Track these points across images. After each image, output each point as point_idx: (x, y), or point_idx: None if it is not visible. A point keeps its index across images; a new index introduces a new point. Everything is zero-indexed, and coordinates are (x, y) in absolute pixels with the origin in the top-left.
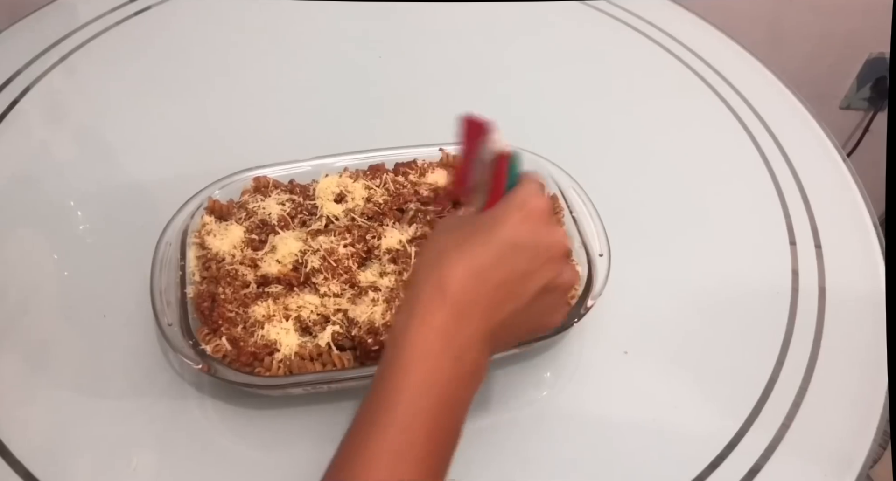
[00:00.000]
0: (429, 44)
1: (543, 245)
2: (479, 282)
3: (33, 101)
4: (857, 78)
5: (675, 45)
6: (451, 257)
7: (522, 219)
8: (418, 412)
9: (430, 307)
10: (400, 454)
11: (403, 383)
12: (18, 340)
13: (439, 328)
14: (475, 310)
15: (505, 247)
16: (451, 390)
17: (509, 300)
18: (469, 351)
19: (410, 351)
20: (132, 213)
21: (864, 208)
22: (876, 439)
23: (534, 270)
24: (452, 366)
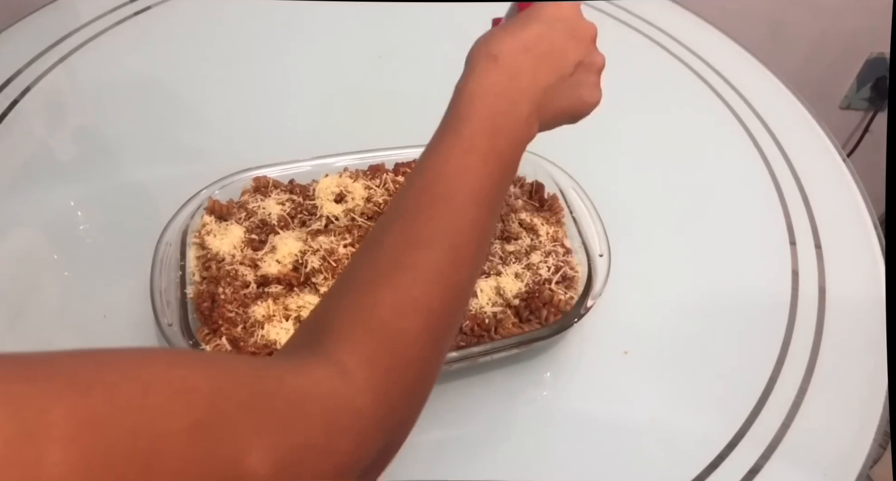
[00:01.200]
0: (429, 44)
1: (575, 26)
2: (525, 51)
3: (33, 101)
4: (857, 78)
5: (675, 45)
6: (498, 34)
7: (557, 7)
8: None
9: (486, 69)
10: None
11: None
12: (18, 340)
13: (493, 81)
14: (524, 74)
15: (545, 23)
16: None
17: (553, 69)
18: (521, 103)
19: (475, 90)
20: (132, 213)
21: (864, 208)
22: (876, 439)
23: (570, 46)
24: (508, 110)
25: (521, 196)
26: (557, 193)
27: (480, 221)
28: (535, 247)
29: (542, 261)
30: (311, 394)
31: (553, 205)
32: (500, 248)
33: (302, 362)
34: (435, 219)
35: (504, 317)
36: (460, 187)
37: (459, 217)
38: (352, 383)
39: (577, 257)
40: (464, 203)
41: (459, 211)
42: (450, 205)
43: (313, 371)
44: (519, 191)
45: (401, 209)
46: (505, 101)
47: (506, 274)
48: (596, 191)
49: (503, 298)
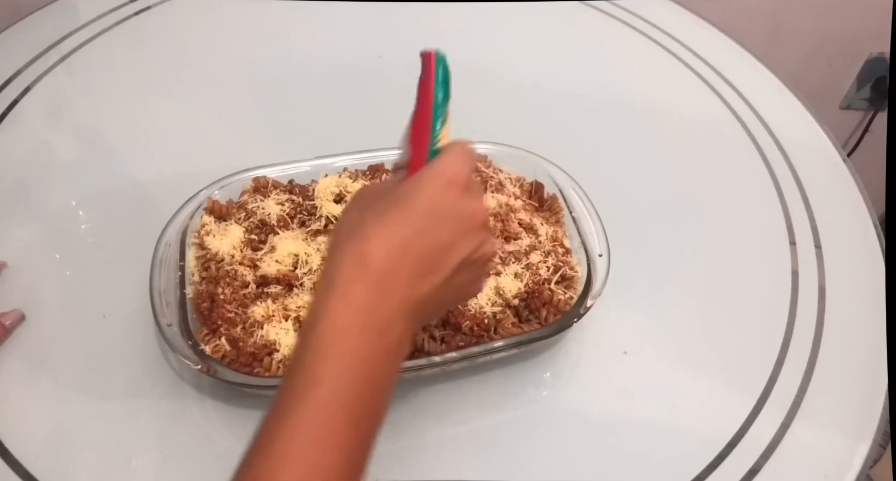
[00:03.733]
0: (429, 44)
1: (464, 215)
2: (402, 254)
3: (33, 101)
4: (857, 78)
5: (675, 44)
6: (373, 228)
7: (443, 189)
8: (338, 392)
9: (351, 282)
10: (318, 438)
11: (322, 363)
12: (18, 340)
13: (361, 304)
14: (398, 284)
15: (426, 218)
16: (374, 368)
17: (432, 272)
18: (392, 326)
19: (330, 329)
20: (132, 213)
21: (864, 208)
22: (876, 439)
23: (455, 241)
24: (375, 343)
25: (520, 196)
26: (557, 193)
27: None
28: (535, 247)
29: (541, 261)
30: None
31: (553, 204)
32: (500, 248)
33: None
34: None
35: (504, 317)
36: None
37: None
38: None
39: (577, 257)
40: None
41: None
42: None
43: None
44: (519, 190)
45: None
46: (372, 333)
47: (505, 274)
48: (596, 191)
49: (503, 298)
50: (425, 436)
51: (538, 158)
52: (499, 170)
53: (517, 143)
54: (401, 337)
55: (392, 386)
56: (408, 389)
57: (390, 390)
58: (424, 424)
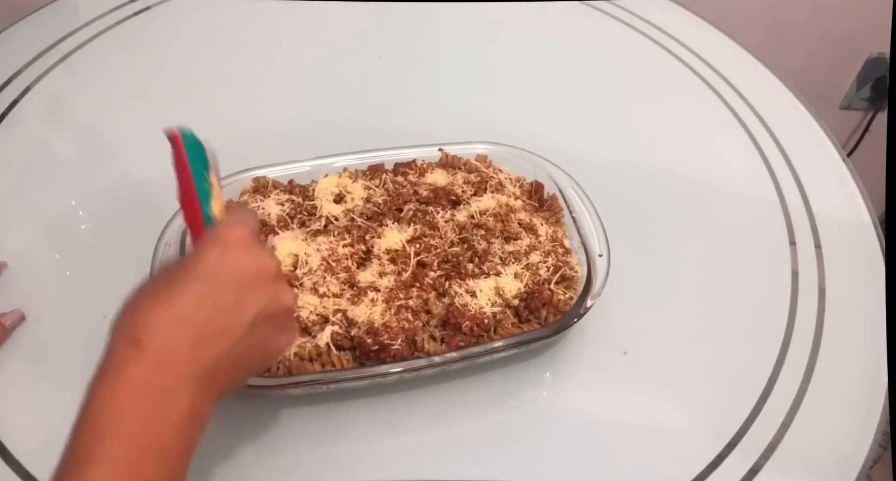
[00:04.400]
0: (428, 44)
1: (248, 273)
2: (180, 325)
3: (33, 101)
4: (857, 78)
5: (675, 45)
6: (146, 306)
7: (221, 252)
8: (115, 470)
9: (123, 361)
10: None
11: (97, 442)
12: (18, 340)
13: (135, 380)
14: (179, 355)
15: (206, 285)
16: (156, 441)
17: (220, 337)
18: (176, 397)
19: (103, 410)
20: (132, 213)
21: (864, 208)
22: (876, 439)
23: (242, 301)
24: (155, 418)
25: (520, 196)
26: (557, 193)
27: None
28: (535, 247)
29: (541, 261)
30: None
31: (552, 204)
32: (500, 248)
33: None
34: None
35: (503, 317)
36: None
37: None
38: None
39: (577, 257)
40: None
41: None
42: None
43: None
44: (518, 191)
45: None
46: (151, 407)
47: (505, 274)
48: (596, 191)
49: (503, 298)
50: (425, 436)
51: (538, 158)
52: (499, 170)
53: (517, 143)
54: (191, 408)
55: (186, 458)
56: (408, 389)
57: (182, 461)
58: (424, 424)
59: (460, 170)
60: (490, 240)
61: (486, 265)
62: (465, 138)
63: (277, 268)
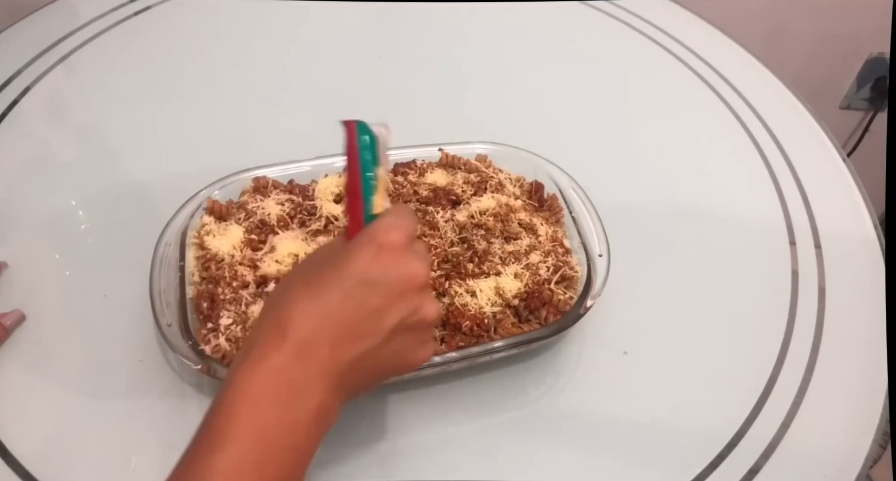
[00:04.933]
0: (429, 44)
1: (396, 279)
2: (324, 320)
3: (33, 101)
4: (857, 78)
5: (675, 45)
6: (296, 295)
7: (374, 253)
8: (242, 458)
9: (267, 347)
10: None
11: (228, 428)
12: (18, 340)
13: (275, 369)
14: (319, 351)
15: (354, 284)
16: (284, 436)
17: (360, 339)
18: (309, 394)
19: (240, 394)
20: (132, 213)
21: (864, 208)
22: (876, 439)
23: (387, 307)
24: (287, 411)
25: (520, 196)
26: (557, 193)
27: None
28: (535, 247)
29: (541, 261)
30: None
31: (552, 204)
32: (500, 248)
33: None
34: None
35: (504, 317)
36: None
37: None
38: None
39: (577, 257)
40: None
41: None
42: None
43: None
44: (518, 191)
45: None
46: (285, 399)
47: (505, 274)
48: (596, 191)
49: (503, 298)
50: (425, 436)
51: (538, 158)
52: (499, 171)
53: (517, 143)
54: (321, 405)
55: (310, 454)
56: (408, 389)
57: (306, 457)
58: (425, 424)
59: (460, 170)
60: (490, 240)
61: (486, 265)
62: (465, 138)
63: (426, 278)
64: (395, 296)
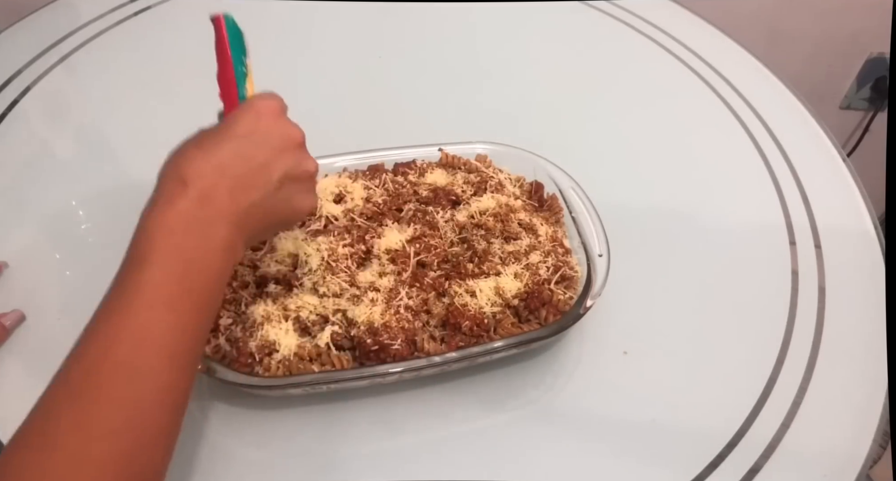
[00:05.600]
0: (428, 44)
1: (277, 137)
2: (219, 173)
3: (33, 101)
4: (857, 78)
5: (675, 45)
6: (191, 154)
7: (255, 117)
8: (168, 271)
9: (172, 196)
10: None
11: (151, 251)
12: (19, 340)
13: (182, 211)
14: (219, 197)
15: (241, 143)
16: (201, 258)
17: (252, 188)
18: (217, 228)
19: (155, 230)
20: (133, 213)
21: (864, 208)
22: (876, 439)
23: (272, 160)
24: (199, 240)
25: (520, 196)
26: (557, 193)
27: (175, 384)
28: (535, 247)
29: (541, 261)
30: None
31: (552, 204)
32: (500, 248)
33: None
34: (115, 400)
35: (503, 317)
36: (145, 351)
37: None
38: None
39: (577, 257)
40: (151, 369)
41: (146, 381)
42: (133, 379)
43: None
44: (518, 191)
45: (73, 385)
46: (196, 231)
47: (505, 274)
48: (596, 191)
49: (502, 298)
50: (425, 436)
51: (538, 158)
52: (499, 170)
53: (517, 143)
54: (226, 238)
55: (222, 283)
56: (408, 389)
57: (219, 284)
58: (424, 424)
59: (460, 170)
60: (490, 240)
61: (486, 265)
62: (465, 138)
63: (302, 138)
64: (279, 151)
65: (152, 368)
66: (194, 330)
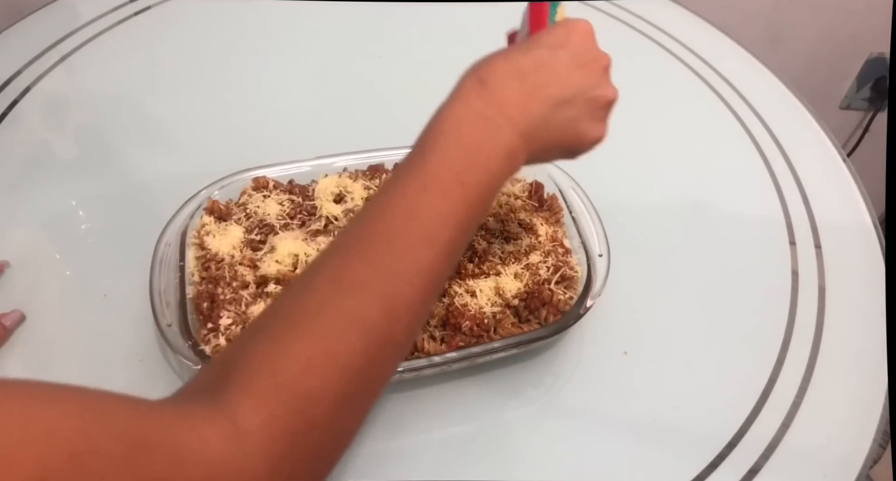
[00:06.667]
0: (429, 44)
1: (583, 54)
2: (517, 77)
3: (33, 101)
4: (857, 78)
5: (675, 45)
6: (495, 59)
7: (567, 32)
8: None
9: (468, 92)
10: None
11: (437, 140)
12: (19, 340)
13: (475, 108)
14: (511, 101)
15: (546, 52)
16: (484, 157)
17: (548, 98)
18: (504, 132)
19: (446, 120)
20: (132, 213)
21: (864, 208)
22: (876, 439)
23: (575, 75)
24: (486, 138)
25: (520, 196)
26: (557, 193)
27: (432, 266)
28: (535, 246)
29: (541, 261)
30: (196, 455)
31: (552, 204)
32: (500, 248)
33: (194, 412)
34: (373, 262)
35: (503, 317)
36: (410, 227)
37: (404, 261)
38: (246, 446)
39: (577, 257)
40: (412, 245)
41: (405, 254)
42: (395, 247)
43: (205, 425)
44: (518, 190)
45: (340, 246)
46: (483, 130)
47: (505, 274)
48: (595, 191)
49: (502, 298)
50: (426, 436)
51: None
52: None
53: None
54: (510, 143)
55: (497, 187)
56: (408, 389)
57: (494, 186)
58: (425, 424)
59: None
60: (490, 240)
61: (486, 265)
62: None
63: (608, 64)
64: (580, 67)
65: (412, 245)
66: (459, 222)
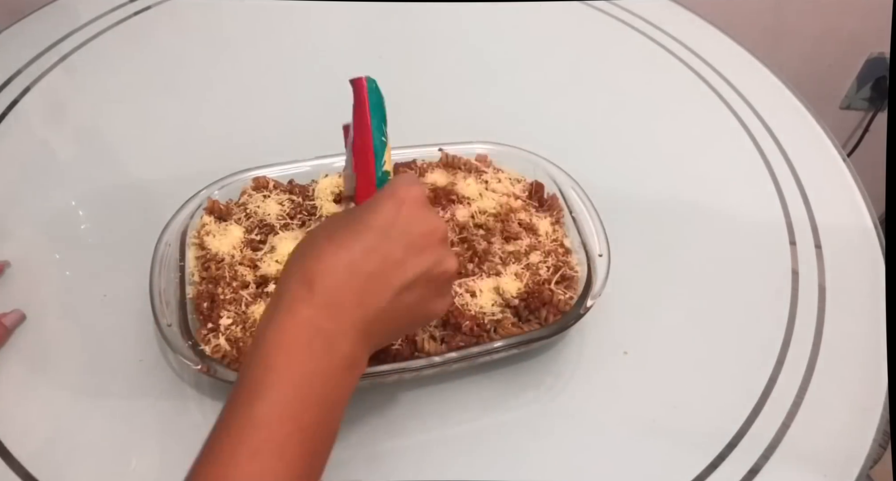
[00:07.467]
0: (429, 44)
1: (418, 232)
2: (350, 272)
3: (33, 101)
4: (857, 78)
5: (675, 45)
6: (320, 249)
7: (396, 207)
8: (281, 405)
9: (296, 300)
10: (259, 452)
11: (266, 377)
12: (18, 340)
13: (305, 320)
14: (346, 302)
15: (377, 237)
16: (319, 383)
17: (384, 290)
18: (340, 343)
19: (274, 346)
20: (132, 213)
21: (864, 208)
22: (876, 439)
23: (409, 258)
24: (321, 360)
25: (520, 196)
26: (557, 193)
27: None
28: (535, 247)
29: (541, 261)
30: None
31: (552, 204)
32: (500, 248)
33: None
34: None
35: (503, 317)
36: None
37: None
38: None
39: (577, 257)
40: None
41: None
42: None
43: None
44: (519, 190)
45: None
46: (317, 348)
47: (505, 274)
48: (596, 192)
49: (503, 298)
50: (426, 436)
51: (538, 158)
52: (499, 170)
53: (517, 143)
54: (350, 354)
55: (343, 403)
56: (408, 389)
57: (339, 406)
58: (425, 424)
59: (460, 170)
60: (490, 240)
61: (486, 265)
62: (465, 138)
63: (445, 233)
64: (418, 249)
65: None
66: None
